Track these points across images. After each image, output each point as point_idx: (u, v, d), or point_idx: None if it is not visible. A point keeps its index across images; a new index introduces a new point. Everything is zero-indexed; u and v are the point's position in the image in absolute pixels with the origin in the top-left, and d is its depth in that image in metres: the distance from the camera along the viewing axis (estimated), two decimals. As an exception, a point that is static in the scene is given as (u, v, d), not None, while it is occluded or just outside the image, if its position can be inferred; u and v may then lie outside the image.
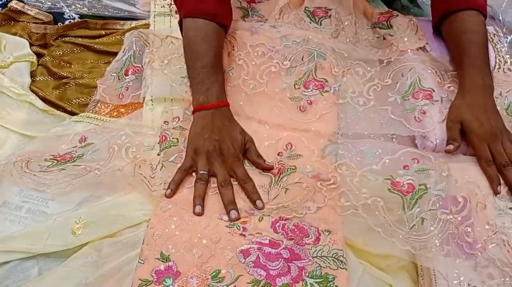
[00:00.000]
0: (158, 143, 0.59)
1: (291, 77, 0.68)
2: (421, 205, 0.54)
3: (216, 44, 0.65)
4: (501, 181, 0.57)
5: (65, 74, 0.76)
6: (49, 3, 0.85)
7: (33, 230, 0.51)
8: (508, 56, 0.79)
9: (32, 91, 0.72)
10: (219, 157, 0.57)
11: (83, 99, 0.72)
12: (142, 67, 0.70)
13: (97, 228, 0.51)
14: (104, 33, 0.83)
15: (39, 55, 0.79)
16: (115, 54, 0.74)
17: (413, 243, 0.51)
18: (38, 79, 0.75)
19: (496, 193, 0.55)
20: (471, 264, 0.50)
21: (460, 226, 0.52)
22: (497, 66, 0.76)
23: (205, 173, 0.56)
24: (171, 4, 0.79)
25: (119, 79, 0.70)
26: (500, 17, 0.91)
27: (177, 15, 0.77)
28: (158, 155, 0.58)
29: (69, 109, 0.70)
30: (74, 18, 0.84)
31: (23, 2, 0.84)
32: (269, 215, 0.53)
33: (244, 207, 0.55)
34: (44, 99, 0.71)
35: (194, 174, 0.57)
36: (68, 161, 0.57)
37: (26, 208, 0.54)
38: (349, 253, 0.51)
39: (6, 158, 0.60)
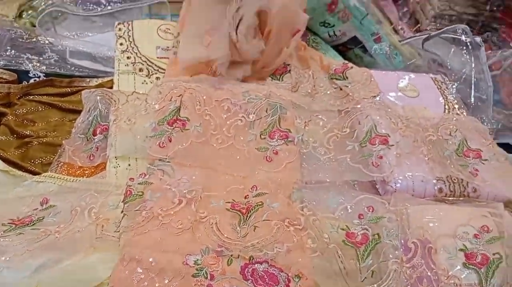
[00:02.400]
0: (122, 201, 0.58)
1: (257, 129, 0.70)
2: (374, 256, 0.55)
3: None
4: (451, 219, 0.58)
5: (28, 133, 0.74)
6: (4, 61, 0.84)
7: (-13, 303, 0.48)
8: (455, 101, 0.85)
9: (-7, 151, 0.70)
10: None
11: (46, 159, 0.71)
12: (109, 125, 0.70)
13: (55, 296, 0.48)
14: (70, 90, 0.82)
15: (2, 115, 0.77)
16: (80, 112, 0.74)
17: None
18: (0, 139, 0.74)
19: None
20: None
21: (413, 274, 0.53)
22: (446, 112, 0.81)
23: None
24: (135, 62, 0.81)
25: (87, 140, 0.69)
26: (448, 65, 0.99)
27: (141, 73, 0.79)
28: (122, 211, 0.57)
29: (31, 169, 0.68)
30: (39, 77, 0.84)
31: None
32: (238, 257, 0.53)
33: (212, 246, 0.54)
34: (5, 160, 0.69)
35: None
36: (27, 224, 0.56)
37: (-21, 279, 0.51)
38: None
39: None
